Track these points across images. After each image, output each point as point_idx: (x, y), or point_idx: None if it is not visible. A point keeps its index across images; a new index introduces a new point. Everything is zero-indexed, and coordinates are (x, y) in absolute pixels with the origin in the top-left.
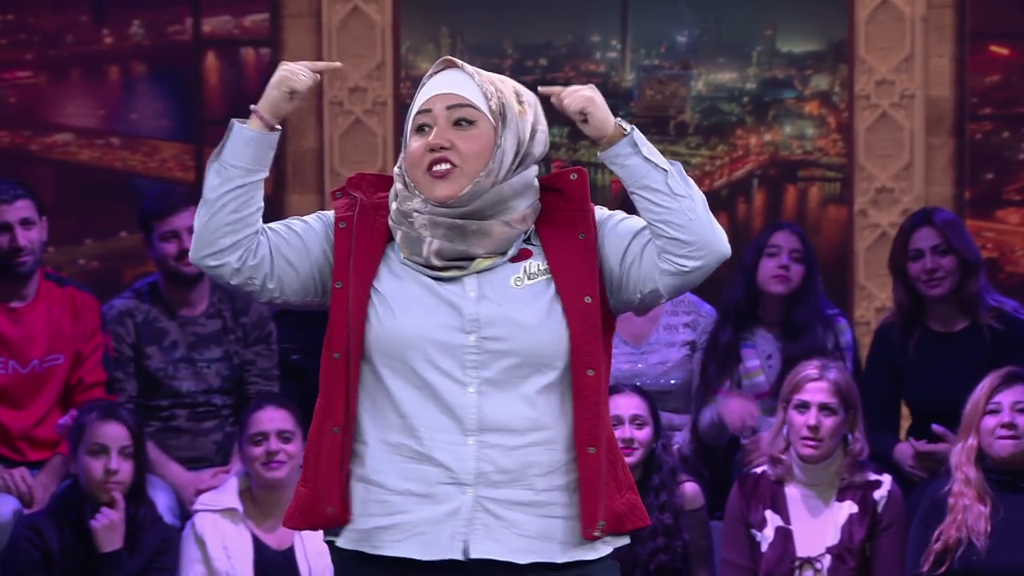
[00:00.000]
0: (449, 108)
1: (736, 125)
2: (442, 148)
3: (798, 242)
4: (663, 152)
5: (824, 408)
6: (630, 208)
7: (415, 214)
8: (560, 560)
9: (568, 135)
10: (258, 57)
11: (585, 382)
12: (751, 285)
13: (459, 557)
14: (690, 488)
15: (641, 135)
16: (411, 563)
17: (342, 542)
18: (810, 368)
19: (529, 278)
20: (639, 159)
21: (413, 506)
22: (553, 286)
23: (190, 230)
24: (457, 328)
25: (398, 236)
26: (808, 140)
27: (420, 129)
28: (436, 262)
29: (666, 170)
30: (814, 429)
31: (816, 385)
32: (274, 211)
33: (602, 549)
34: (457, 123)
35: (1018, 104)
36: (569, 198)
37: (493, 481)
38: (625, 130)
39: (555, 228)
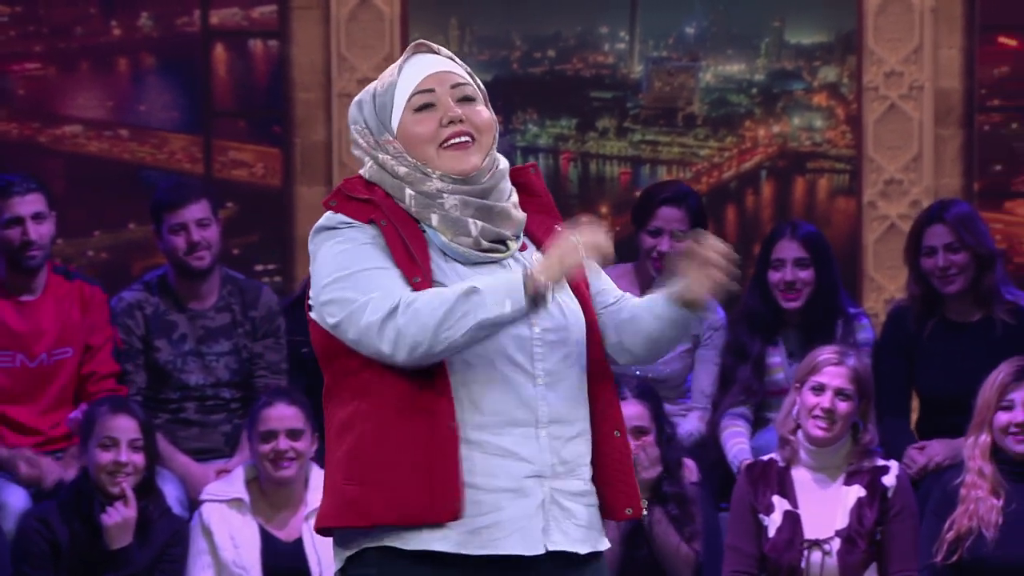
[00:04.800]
0: (453, 87)
1: (745, 117)
2: (460, 121)
3: (800, 248)
4: (671, 144)
5: (840, 393)
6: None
7: (443, 195)
8: (602, 548)
9: (576, 127)
10: (266, 49)
11: (604, 368)
12: (766, 296)
13: (542, 551)
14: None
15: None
16: (495, 560)
17: (441, 545)
18: (829, 352)
19: None
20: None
21: (507, 503)
22: None
23: (199, 223)
24: (524, 320)
25: (434, 220)
26: (817, 132)
27: (422, 108)
28: (484, 244)
29: None
30: (828, 412)
31: (835, 369)
32: (283, 202)
33: (606, 542)
34: (462, 100)
35: None
36: (535, 191)
37: (558, 473)
38: None
39: (533, 220)
